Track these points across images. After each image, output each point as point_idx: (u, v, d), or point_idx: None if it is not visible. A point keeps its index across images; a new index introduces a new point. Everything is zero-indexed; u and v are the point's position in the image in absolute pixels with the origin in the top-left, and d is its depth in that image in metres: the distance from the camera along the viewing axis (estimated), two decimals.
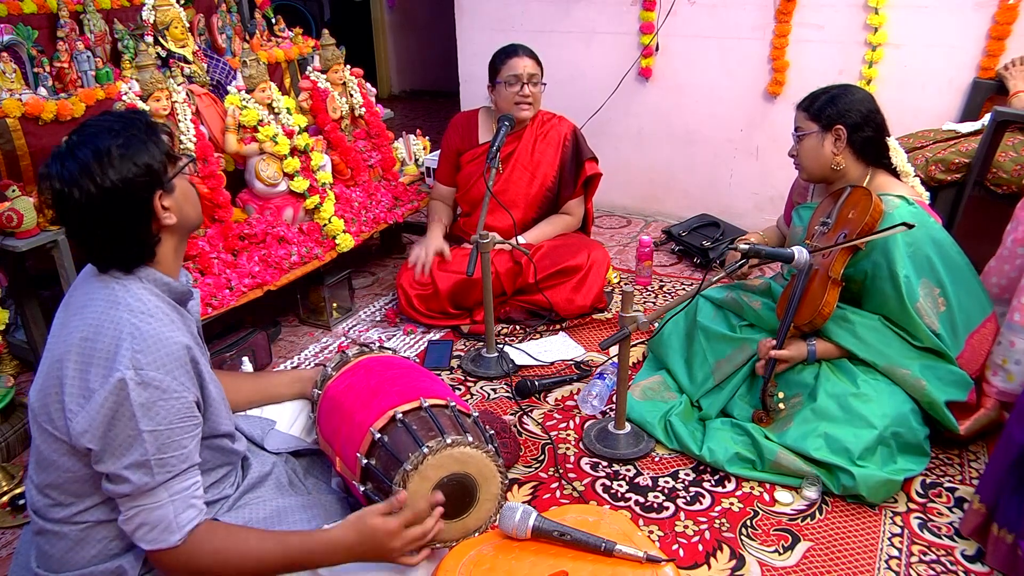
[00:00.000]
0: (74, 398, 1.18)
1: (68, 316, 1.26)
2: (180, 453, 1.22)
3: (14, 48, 2.52)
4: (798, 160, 2.13)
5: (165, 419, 1.19)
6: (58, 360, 1.21)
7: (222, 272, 2.48)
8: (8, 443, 2.17)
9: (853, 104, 2.03)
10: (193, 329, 1.37)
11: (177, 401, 1.21)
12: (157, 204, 1.25)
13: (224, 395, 1.42)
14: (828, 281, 1.94)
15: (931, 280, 1.95)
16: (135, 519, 1.21)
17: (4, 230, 2.15)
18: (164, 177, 1.26)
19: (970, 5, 2.98)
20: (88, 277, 1.30)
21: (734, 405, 2.13)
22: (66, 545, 1.28)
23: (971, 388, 1.98)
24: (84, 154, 1.20)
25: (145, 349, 1.18)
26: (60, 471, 1.24)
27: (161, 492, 1.20)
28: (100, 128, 1.24)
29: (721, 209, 3.71)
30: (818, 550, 1.75)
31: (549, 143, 2.88)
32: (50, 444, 1.23)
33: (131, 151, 1.22)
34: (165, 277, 1.30)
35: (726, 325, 2.28)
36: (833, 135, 2.04)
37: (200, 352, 1.33)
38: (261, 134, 2.65)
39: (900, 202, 1.98)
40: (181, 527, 1.22)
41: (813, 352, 2.02)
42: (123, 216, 1.23)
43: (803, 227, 2.20)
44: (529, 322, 2.81)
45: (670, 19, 3.57)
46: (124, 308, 1.22)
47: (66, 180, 1.19)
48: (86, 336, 1.20)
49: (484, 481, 1.44)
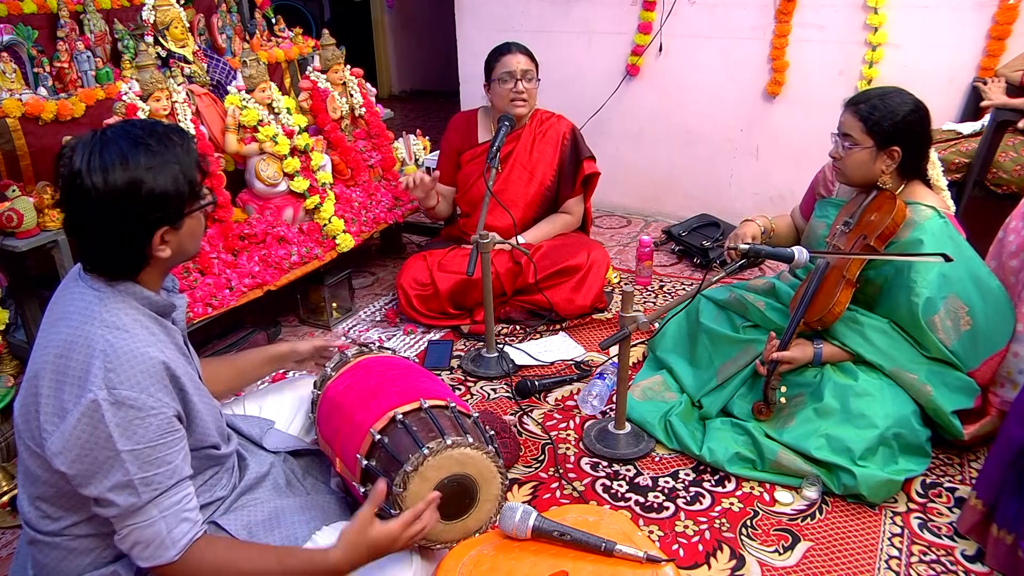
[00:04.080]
0: (49, 417, 1.16)
1: (48, 325, 1.24)
2: (165, 469, 1.19)
3: (14, 48, 2.52)
4: (840, 165, 2.02)
5: (144, 437, 1.16)
6: (35, 375, 1.18)
7: (222, 272, 2.48)
8: (8, 443, 2.17)
9: (913, 125, 1.92)
10: (178, 340, 1.34)
11: (155, 418, 1.17)
12: (156, 237, 1.21)
13: (213, 404, 1.39)
14: (843, 280, 1.92)
15: (960, 297, 1.90)
16: (129, 538, 1.19)
17: (4, 230, 2.15)
18: (176, 212, 1.23)
19: (970, 5, 2.98)
20: (69, 284, 1.27)
21: (734, 403, 2.13)
22: (59, 555, 1.26)
23: (978, 394, 1.97)
24: (112, 150, 1.16)
25: (118, 367, 1.15)
26: (47, 485, 1.22)
27: (151, 509, 1.18)
28: (139, 135, 1.20)
29: (721, 209, 3.71)
30: (818, 550, 1.75)
31: (548, 142, 2.88)
32: (35, 460, 1.21)
33: (155, 175, 1.18)
34: (146, 291, 1.26)
35: (729, 326, 2.27)
36: (887, 155, 1.94)
37: (185, 363, 1.29)
38: (261, 134, 2.65)
39: (932, 213, 1.94)
40: (176, 542, 1.19)
41: (819, 355, 2.00)
42: (119, 228, 1.19)
43: (826, 222, 2.16)
44: (529, 322, 2.81)
45: (670, 19, 3.57)
46: (99, 323, 1.18)
47: (82, 167, 1.15)
48: (60, 353, 1.17)
49: (484, 482, 1.44)
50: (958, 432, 1.96)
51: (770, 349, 1.99)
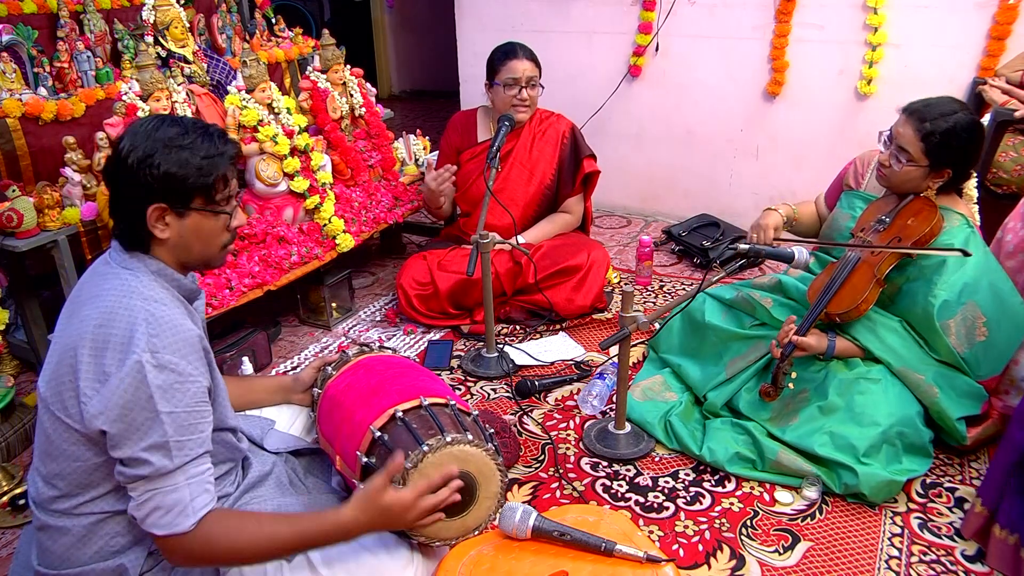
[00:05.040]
0: (89, 382, 1.19)
1: (78, 306, 1.27)
2: (197, 437, 1.23)
3: (14, 48, 2.52)
4: (888, 173, 2.00)
5: (182, 402, 1.20)
6: (71, 347, 1.21)
7: (222, 272, 2.48)
8: (8, 443, 2.17)
9: (971, 153, 1.94)
10: (200, 325, 1.38)
11: (193, 385, 1.22)
12: (151, 210, 1.25)
13: (226, 389, 1.43)
14: (874, 279, 1.92)
15: (980, 307, 1.90)
16: (149, 503, 1.20)
17: (4, 230, 2.15)
18: (177, 197, 1.26)
19: (970, 5, 2.98)
20: (98, 269, 1.31)
21: (740, 396, 2.12)
22: (68, 541, 1.27)
23: (985, 400, 1.98)
24: (155, 126, 1.26)
25: (160, 333, 1.20)
26: (69, 460, 1.24)
27: (178, 475, 1.20)
28: (189, 122, 1.29)
29: (721, 209, 3.71)
30: (818, 550, 1.75)
31: (547, 141, 2.88)
32: (61, 432, 1.23)
33: (169, 152, 1.24)
34: (176, 273, 1.32)
35: (737, 325, 2.26)
36: (938, 175, 1.95)
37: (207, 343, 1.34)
38: (261, 134, 2.65)
39: (961, 221, 1.96)
40: (196, 511, 1.22)
41: (832, 348, 1.99)
42: (123, 191, 1.26)
43: (851, 215, 2.16)
44: (529, 322, 2.81)
45: (670, 19, 3.57)
46: (137, 296, 1.23)
47: (129, 133, 1.25)
48: (100, 323, 1.20)
49: (484, 479, 1.44)
50: (962, 436, 1.96)
51: (787, 331, 1.97)
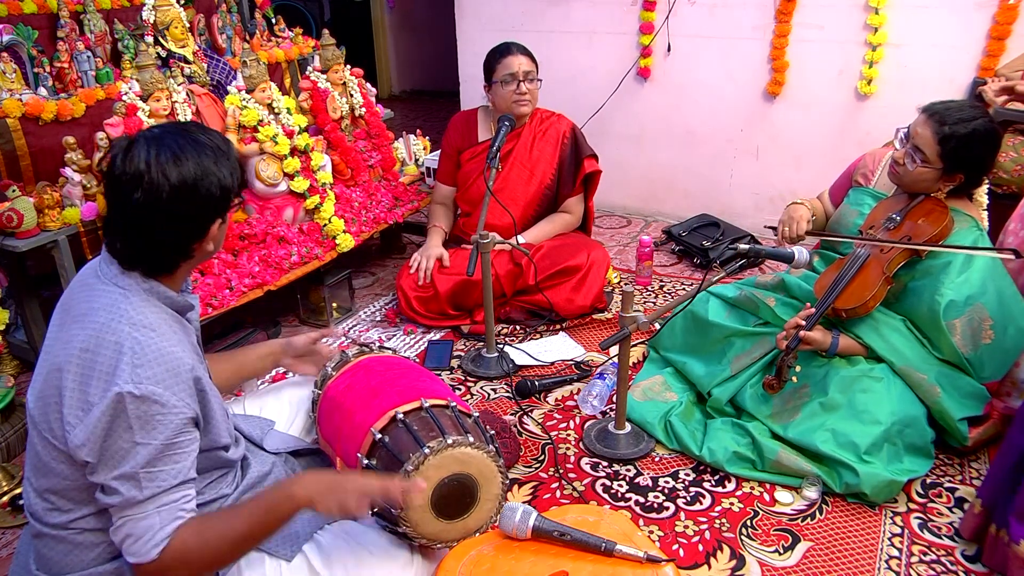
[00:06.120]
0: (73, 410, 1.17)
1: (68, 319, 1.25)
2: (172, 468, 1.20)
3: (14, 48, 2.52)
4: (902, 171, 2.01)
5: (162, 434, 1.18)
6: (58, 368, 1.19)
7: (222, 272, 2.48)
8: (8, 443, 2.17)
9: (986, 159, 1.96)
10: (193, 339, 1.37)
11: (176, 416, 1.19)
12: (215, 228, 1.27)
13: (223, 404, 1.41)
14: (883, 276, 1.92)
15: (988, 310, 1.91)
16: (122, 529, 1.19)
17: (4, 230, 2.15)
18: (228, 204, 1.29)
19: (970, 5, 2.98)
20: (88, 279, 1.28)
21: (745, 391, 2.12)
22: (64, 549, 1.27)
23: (988, 401, 1.98)
24: (172, 146, 1.21)
25: (145, 363, 1.17)
26: (59, 477, 1.23)
27: (148, 504, 1.18)
28: (191, 129, 1.26)
29: (721, 209, 3.71)
30: (818, 550, 1.75)
31: (548, 141, 2.88)
32: (49, 451, 1.22)
33: (219, 166, 1.25)
34: (169, 291, 1.29)
35: (740, 324, 2.25)
36: (951, 179, 1.98)
37: (198, 362, 1.31)
38: (261, 134, 2.65)
39: (971, 224, 1.97)
40: (162, 541, 1.19)
41: (836, 345, 1.99)
42: (182, 222, 1.23)
43: (859, 211, 2.17)
44: (529, 322, 2.81)
45: (670, 19, 3.57)
46: (126, 321, 1.20)
47: (148, 164, 1.18)
48: (86, 347, 1.18)
49: (485, 481, 1.44)
50: (963, 437, 1.96)
51: (795, 322, 1.97)
